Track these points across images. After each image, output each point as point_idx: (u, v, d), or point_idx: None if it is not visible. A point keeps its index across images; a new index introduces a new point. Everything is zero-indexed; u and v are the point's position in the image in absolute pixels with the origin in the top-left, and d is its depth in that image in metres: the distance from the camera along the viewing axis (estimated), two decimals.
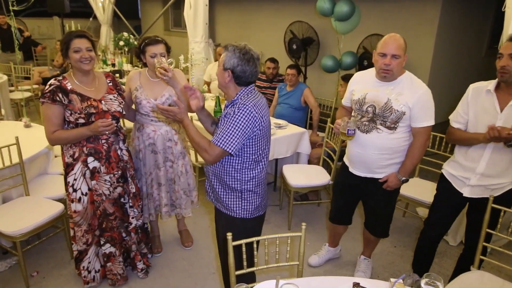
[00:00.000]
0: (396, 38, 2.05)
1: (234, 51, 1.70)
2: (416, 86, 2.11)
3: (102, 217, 2.29)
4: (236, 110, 1.69)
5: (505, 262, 2.06)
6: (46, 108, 2.07)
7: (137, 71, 2.57)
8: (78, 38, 2.05)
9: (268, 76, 4.60)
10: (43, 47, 7.72)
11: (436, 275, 1.37)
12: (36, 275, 2.61)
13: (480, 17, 5.29)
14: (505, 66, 1.85)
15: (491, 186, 2.03)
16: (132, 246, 2.47)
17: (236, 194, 1.85)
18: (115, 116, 2.20)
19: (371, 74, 2.23)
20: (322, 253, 2.83)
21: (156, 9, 9.32)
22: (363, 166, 2.28)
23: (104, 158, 2.20)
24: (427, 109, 2.09)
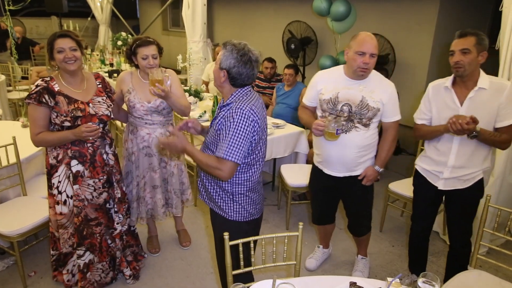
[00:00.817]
0: (373, 37, 2.12)
1: (232, 51, 1.65)
2: (385, 83, 2.22)
3: (82, 224, 2.21)
4: (234, 116, 1.63)
5: (503, 262, 2.07)
6: (32, 109, 2.02)
7: (128, 71, 2.51)
8: (61, 38, 1.98)
9: (266, 76, 4.60)
10: (41, 47, 7.70)
11: (433, 274, 1.37)
12: (34, 275, 2.61)
13: (477, 16, 5.29)
14: (458, 61, 1.96)
15: (463, 177, 2.11)
16: (116, 252, 2.41)
17: (228, 195, 1.81)
18: (102, 120, 2.13)
19: (338, 72, 2.24)
20: (318, 256, 2.82)
21: (155, 9, 9.32)
22: (342, 166, 2.29)
23: (89, 162, 2.15)
24: (396, 105, 2.22)
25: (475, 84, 1.99)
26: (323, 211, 2.60)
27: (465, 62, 1.95)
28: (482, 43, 1.95)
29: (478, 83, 1.98)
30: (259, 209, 1.91)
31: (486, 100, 1.97)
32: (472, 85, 2.00)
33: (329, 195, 2.51)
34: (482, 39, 1.95)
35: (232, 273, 1.72)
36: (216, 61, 1.74)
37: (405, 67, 4.91)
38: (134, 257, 2.58)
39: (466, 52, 1.94)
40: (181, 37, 7.82)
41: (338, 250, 2.97)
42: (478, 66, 2.00)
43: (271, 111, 4.32)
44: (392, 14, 5.06)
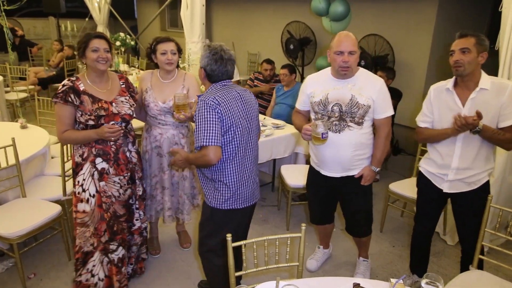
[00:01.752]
0: (349, 35, 2.15)
1: (206, 50, 1.86)
2: (373, 79, 2.21)
3: (112, 219, 2.26)
4: (199, 107, 1.80)
5: (503, 261, 2.07)
6: (58, 108, 2.09)
7: (149, 71, 2.55)
8: (97, 38, 2.08)
9: (266, 77, 4.60)
10: (38, 48, 7.68)
11: (436, 275, 1.37)
12: (33, 277, 2.59)
13: (476, 17, 5.30)
14: (458, 60, 1.96)
15: (468, 179, 2.10)
16: (133, 247, 2.46)
17: (210, 183, 1.96)
18: (125, 119, 2.19)
19: (326, 74, 2.28)
20: (319, 256, 2.81)
21: (153, 9, 9.30)
22: (338, 166, 2.29)
23: (113, 159, 2.20)
24: (386, 100, 2.20)
25: (476, 85, 1.99)
26: (322, 212, 2.60)
27: (465, 61, 1.95)
28: (482, 44, 1.96)
29: (480, 83, 1.98)
30: (242, 200, 1.99)
31: (488, 101, 1.97)
32: (473, 86, 2.00)
33: (326, 195, 2.51)
34: (482, 39, 1.96)
35: (235, 275, 1.71)
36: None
37: (404, 67, 4.92)
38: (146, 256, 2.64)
39: (465, 51, 1.95)
40: (180, 37, 7.79)
41: (339, 251, 2.97)
42: (479, 67, 2.01)
43: (270, 111, 4.32)
44: (391, 14, 5.07)
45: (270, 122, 3.67)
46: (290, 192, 3.14)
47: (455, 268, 2.79)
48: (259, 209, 3.56)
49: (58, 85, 3.12)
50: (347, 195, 2.42)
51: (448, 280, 2.01)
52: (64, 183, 2.74)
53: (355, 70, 2.21)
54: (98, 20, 8.16)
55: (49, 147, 3.13)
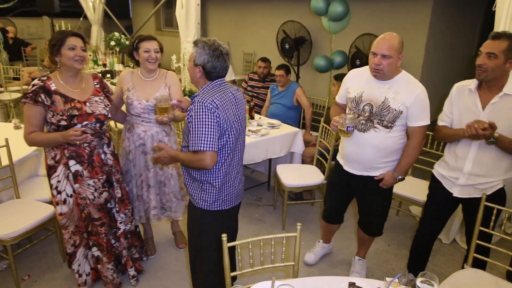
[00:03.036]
0: (388, 38, 2.03)
1: (204, 47, 1.78)
2: (413, 85, 2.10)
3: (87, 220, 2.23)
4: (197, 109, 1.73)
5: (498, 260, 2.08)
6: (27, 108, 2.02)
7: (129, 70, 2.53)
8: (74, 36, 2.02)
9: (260, 75, 4.60)
10: (32, 48, 7.61)
11: (431, 273, 1.38)
12: (28, 278, 2.57)
13: (470, 16, 5.34)
14: (481, 64, 1.87)
15: (480, 186, 2.05)
16: (122, 251, 2.41)
17: (197, 183, 1.92)
18: (99, 119, 2.14)
19: (367, 72, 2.20)
20: (317, 250, 2.83)
21: (148, 9, 9.27)
22: (359, 164, 2.28)
23: (86, 162, 2.14)
24: (423, 109, 2.09)
25: (500, 89, 1.90)
26: (335, 207, 2.58)
27: (489, 66, 1.85)
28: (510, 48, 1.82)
29: (504, 88, 1.89)
30: (229, 201, 1.97)
31: (511, 107, 1.88)
32: (497, 90, 1.91)
33: (345, 191, 2.48)
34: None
35: (231, 274, 1.71)
36: (189, 59, 1.84)
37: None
38: (139, 258, 2.62)
39: (491, 57, 1.84)
40: (175, 37, 7.78)
41: (334, 250, 2.98)
42: (507, 73, 1.89)
43: (265, 111, 4.32)
44: (386, 14, 5.08)
45: (265, 122, 3.67)
46: (286, 192, 3.14)
47: (450, 266, 2.81)
48: (255, 208, 3.56)
49: None
50: (365, 195, 2.39)
51: (443, 278, 2.02)
52: None
53: (394, 74, 2.11)
54: (92, 20, 8.11)
55: (43, 148, 3.11)
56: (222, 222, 1.98)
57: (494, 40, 1.85)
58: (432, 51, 4.87)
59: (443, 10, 4.80)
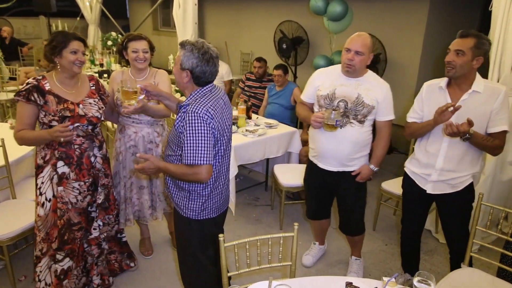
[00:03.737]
0: (362, 36, 2.16)
1: (192, 50, 1.65)
2: (381, 82, 2.25)
3: (64, 227, 2.15)
4: (192, 120, 1.63)
5: (494, 259, 2.09)
6: (20, 106, 2.01)
7: (119, 70, 2.51)
8: (77, 40, 2.02)
9: (256, 75, 4.61)
10: (29, 48, 7.58)
11: (428, 273, 1.38)
12: (24, 279, 2.56)
13: (467, 16, 5.35)
14: (450, 61, 1.93)
15: (452, 181, 2.10)
16: (88, 257, 2.33)
17: (184, 193, 1.83)
18: (91, 122, 2.11)
19: (336, 70, 2.30)
20: (314, 252, 2.83)
21: (145, 9, 9.25)
22: (336, 160, 2.33)
23: (75, 164, 2.11)
24: (390, 104, 2.25)
25: (469, 86, 1.97)
26: (318, 206, 2.62)
27: (457, 63, 1.92)
28: (480, 47, 1.89)
29: (473, 86, 1.96)
30: (216, 209, 1.89)
31: (479, 104, 1.94)
32: (466, 87, 1.98)
33: (323, 190, 2.53)
34: (482, 43, 1.90)
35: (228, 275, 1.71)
36: (175, 62, 1.74)
37: (396, 67, 4.94)
38: (118, 265, 2.54)
39: (459, 54, 1.90)
40: (172, 37, 7.77)
41: (332, 250, 2.98)
42: (473, 70, 1.96)
43: (263, 111, 4.32)
44: (383, 14, 5.09)
45: (263, 122, 3.67)
46: (284, 192, 3.14)
47: (447, 266, 2.81)
48: (253, 208, 3.56)
49: None
50: (342, 191, 2.45)
51: (440, 277, 2.02)
52: None
53: (364, 72, 2.24)
54: (89, 20, 8.08)
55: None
56: (209, 229, 1.91)
57: (462, 38, 1.92)
58: (429, 51, 4.88)
59: (440, 10, 4.82)
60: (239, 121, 3.49)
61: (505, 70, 2.66)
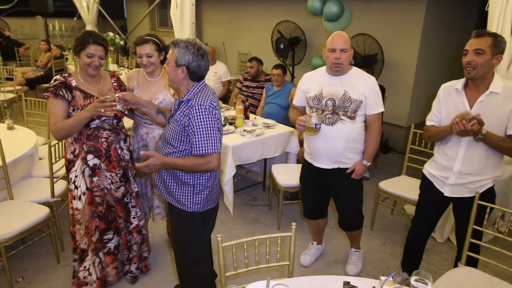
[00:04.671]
0: (342, 34, 2.24)
1: (187, 47, 1.73)
2: (366, 77, 2.30)
3: (107, 210, 2.27)
4: (199, 112, 1.71)
5: (491, 258, 2.10)
6: (50, 102, 2.10)
7: (136, 70, 2.54)
8: (95, 44, 2.06)
9: (252, 75, 4.62)
10: (26, 48, 7.57)
11: (425, 272, 1.38)
12: (22, 280, 2.55)
13: (464, 16, 5.37)
14: (470, 61, 1.90)
15: (470, 185, 2.07)
16: (133, 246, 2.45)
17: (188, 188, 1.88)
18: (116, 115, 2.20)
19: (321, 72, 2.38)
20: (312, 252, 2.84)
21: (142, 9, 9.23)
22: (329, 158, 2.36)
23: (104, 156, 2.20)
24: (378, 97, 2.29)
25: (487, 87, 1.93)
26: (315, 205, 2.64)
27: (478, 63, 1.87)
28: (498, 45, 1.87)
29: (490, 87, 1.92)
30: (215, 199, 1.99)
31: (498, 105, 1.90)
32: (484, 88, 1.94)
33: (319, 188, 2.55)
34: (499, 41, 1.87)
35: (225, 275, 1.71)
36: (168, 61, 1.79)
37: (393, 66, 4.95)
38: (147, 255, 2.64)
39: (480, 53, 1.86)
40: (170, 37, 7.75)
41: (329, 249, 2.99)
42: (492, 69, 1.93)
43: (261, 111, 4.32)
44: (380, 14, 5.10)
45: (260, 122, 3.67)
46: (281, 192, 3.15)
47: (444, 265, 2.82)
48: (250, 208, 3.56)
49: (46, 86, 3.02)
50: (339, 188, 2.48)
51: (437, 277, 2.03)
52: (52, 185, 2.70)
53: (348, 68, 2.30)
54: (86, 20, 8.07)
55: (36, 149, 3.09)
56: (210, 220, 2.00)
57: (479, 37, 1.90)
58: (426, 51, 4.89)
59: (437, 10, 4.83)
60: (237, 121, 3.50)
61: (501, 69, 2.68)
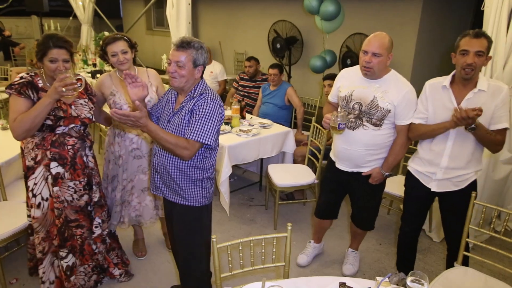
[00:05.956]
0: (379, 37, 2.10)
1: (202, 47, 1.79)
2: (401, 84, 2.17)
3: (64, 225, 2.16)
4: (209, 102, 1.77)
5: (487, 257, 2.10)
6: (12, 99, 1.96)
7: (106, 74, 2.45)
8: (57, 48, 1.93)
9: (247, 74, 4.62)
10: (21, 48, 7.51)
11: (421, 272, 1.38)
12: (15, 282, 2.53)
13: (460, 16, 5.38)
14: (471, 63, 1.90)
15: (456, 179, 2.11)
16: (98, 255, 2.36)
17: (197, 183, 1.90)
18: (84, 123, 2.12)
19: (357, 71, 2.26)
20: (309, 251, 2.83)
21: (138, 8, 9.20)
22: (349, 161, 2.34)
23: (69, 164, 2.10)
24: (411, 108, 2.16)
25: (474, 85, 1.96)
26: (328, 205, 2.61)
27: (477, 64, 1.89)
28: (490, 46, 1.92)
29: (478, 84, 1.96)
30: (213, 191, 2.05)
31: (483, 102, 1.94)
32: (471, 86, 1.97)
33: (338, 188, 2.53)
34: (491, 42, 1.92)
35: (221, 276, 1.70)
36: (181, 63, 1.73)
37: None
38: (121, 261, 2.54)
39: (480, 55, 1.89)
40: (166, 36, 7.74)
41: (326, 250, 2.98)
42: None
43: (257, 111, 4.31)
44: (377, 13, 5.10)
45: (257, 122, 3.66)
46: (278, 192, 3.13)
47: (440, 264, 2.82)
48: (247, 209, 3.55)
49: None
50: (356, 191, 2.46)
51: (433, 276, 2.03)
52: None
53: (383, 73, 2.18)
54: (82, 19, 8.02)
55: None
56: (211, 210, 2.06)
57: (478, 38, 1.89)
58: (422, 50, 4.90)
59: (433, 9, 4.84)
60: (233, 121, 3.48)
61: (497, 69, 2.68)
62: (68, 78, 1.84)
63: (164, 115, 1.92)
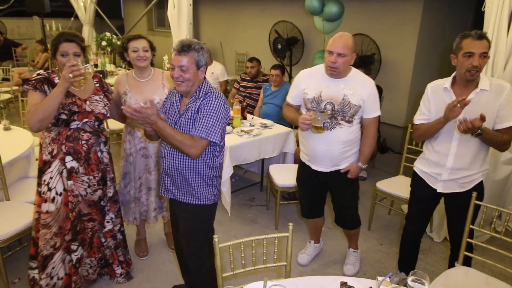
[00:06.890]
0: (344, 38, 2.15)
1: (203, 48, 1.81)
2: (365, 80, 2.27)
3: (76, 220, 2.21)
4: (214, 100, 1.81)
5: (488, 257, 2.10)
6: (29, 95, 2.03)
7: (124, 73, 2.51)
8: (67, 42, 2.00)
9: (249, 75, 4.63)
10: (23, 48, 7.54)
11: (422, 272, 1.38)
12: (18, 282, 2.54)
13: (460, 16, 5.39)
14: (477, 65, 1.89)
15: (462, 180, 2.10)
16: (106, 250, 2.40)
17: (208, 182, 1.94)
18: (98, 118, 2.17)
19: (319, 71, 2.30)
20: (310, 251, 2.84)
21: (139, 9, 9.22)
22: (328, 161, 2.36)
23: (83, 159, 2.16)
24: (375, 101, 2.28)
25: (476, 86, 1.96)
26: (311, 205, 2.65)
27: (481, 66, 1.89)
28: (490, 47, 1.94)
29: (480, 84, 1.95)
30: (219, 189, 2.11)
31: (486, 102, 1.94)
32: (473, 86, 1.97)
33: (316, 189, 2.56)
34: (490, 42, 1.93)
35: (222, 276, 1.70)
36: (186, 66, 1.75)
37: (390, 66, 4.96)
38: (124, 259, 2.56)
39: (485, 56, 1.89)
40: (167, 37, 7.75)
41: (327, 249, 2.99)
42: None
43: (258, 111, 4.32)
44: (377, 14, 5.11)
45: (258, 122, 3.67)
46: (279, 192, 3.14)
47: (441, 264, 2.83)
48: (248, 209, 3.56)
49: None
50: (336, 188, 2.49)
51: (434, 276, 2.03)
52: None
53: (348, 71, 2.24)
54: (83, 20, 8.04)
55: (33, 149, 3.08)
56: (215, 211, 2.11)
57: (480, 40, 1.89)
58: (423, 50, 4.91)
59: (434, 10, 4.85)
60: (234, 122, 3.49)
61: (498, 69, 2.68)
62: (75, 65, 1.91)
63: (170, 118, 1.93)
